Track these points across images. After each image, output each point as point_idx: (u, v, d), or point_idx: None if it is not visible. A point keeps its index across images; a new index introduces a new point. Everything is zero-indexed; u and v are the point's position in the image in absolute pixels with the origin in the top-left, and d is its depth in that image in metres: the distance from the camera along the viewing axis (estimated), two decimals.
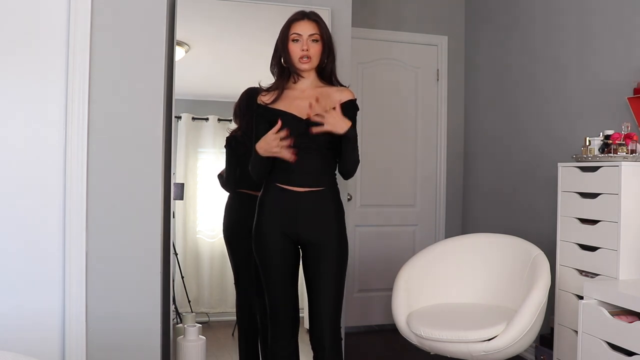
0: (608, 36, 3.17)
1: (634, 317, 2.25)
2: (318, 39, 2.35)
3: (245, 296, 3.14)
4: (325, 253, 2.36)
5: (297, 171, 2.34)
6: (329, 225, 2.38)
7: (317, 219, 2.37)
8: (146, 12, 2.71)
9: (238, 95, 3.19)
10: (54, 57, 2.58)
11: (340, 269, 2.40)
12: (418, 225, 4.59)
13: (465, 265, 3.19)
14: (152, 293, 2.72)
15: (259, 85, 2.51)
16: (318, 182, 2.37)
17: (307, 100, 2.33)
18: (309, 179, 2.35)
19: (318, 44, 2.36)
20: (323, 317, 2.34)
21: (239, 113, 3.19)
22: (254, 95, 2.54)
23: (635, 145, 2.65)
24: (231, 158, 3.22)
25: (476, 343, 2.62)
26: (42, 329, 2.57)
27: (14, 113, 2.55)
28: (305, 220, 2.36)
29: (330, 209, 2.39)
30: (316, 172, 2.37)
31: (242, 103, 3.16)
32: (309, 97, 2.35)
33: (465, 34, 4.64)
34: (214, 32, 3.38)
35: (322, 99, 2.35)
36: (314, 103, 2.31)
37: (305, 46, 2.32)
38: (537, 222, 3.69)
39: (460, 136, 4.65)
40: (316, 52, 2.35)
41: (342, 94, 2.40)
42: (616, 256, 2.57)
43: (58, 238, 2.59)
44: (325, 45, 2.38)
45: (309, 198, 2.36)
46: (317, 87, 2.42)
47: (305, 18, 2.37)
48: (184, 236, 3.33)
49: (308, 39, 2.33)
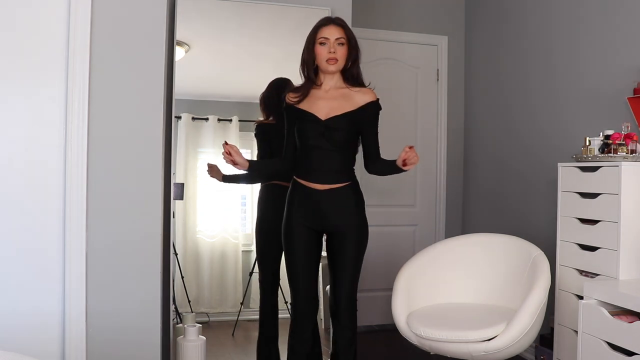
0: (608, 36, 3.17)
1: (634, 317, 2.25)
2: (344, 42, 2.53)
3: (272, 296, 3.14)
4: (347, 238, 2.58)
5: (318, 170, 2.56)
6: (350, 217, 2.59)
7: (339, 213, 2.58)
8: (146, 12, 2.71)
9: (238, 95, 3.19)
10: (54, 57, 2.58)
11: (359, 252, 2.62)
12: (418, 225, 4.59)
13: (465, 265, 3.19)
14: (152, 293, 2.72)
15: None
16: (337, 179, 2.57)
17: (329, 102, 2.54)
18: (328, 177, 2.56)
19: (344, 47, 2.53)
20: (343, 287, 2.59)
21: (268, 103, 3.17)
22: (281, 86, 2.76)
23: (635, 145, 2.65)
24: (264, 148, 3.20)
25: (476, 343, 2.62)
26: (42, 329, 2.57)
27: (14, 113, 2.55)
28: (328, 215, 2.57)
29: (351, 204, 2.60)
30: (335, 171, 2.57)
31: (272, 94, 3.15)
32: (332, 98, 2.55)
33: (465, 34, 4.64)
34: (214, 32, 3.38)
35: (344, 99, 2.55)
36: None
37: (332, 49, 2.50)
38: (537, 222, 3.69)
39: (460, 136, 4.65)
40: (342, 55, 2.53)
41: (364, 95, 2.59)
42: (616, 256, 2.57)
43: (58, 238, 2.59)
44: (352, 48, 2.55)
45: (330, 195, 2.56)
46: (340, 88, 2.59)
47: (332, 23, 2.54)
48: (184, 236, 3.33)
49: (334, 43, 2.51)
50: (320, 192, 2.56)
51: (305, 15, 2.88)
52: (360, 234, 2.62)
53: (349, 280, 2.61)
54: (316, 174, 2.56)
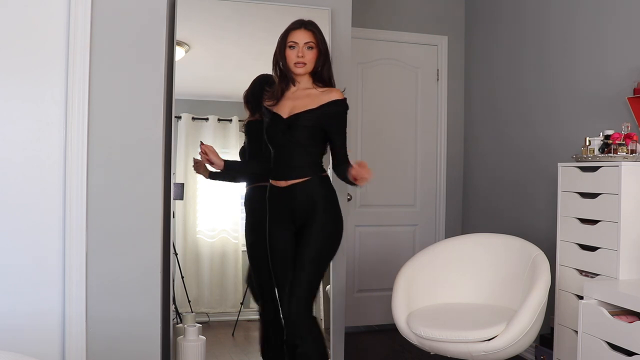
0: (608, 36, 3.17)
1: (634, 317, 2.25)
2: (313, 46, 2.57)
3: (274, 307, 3.07)
4: (310, 235, 2.54)
5: (283, 167, 2.59)
6: (315, 213, 2.55)
7: (303, 209, 2.56)
8: (146, 12, 2.71)
9: (238, 95, 3.19)
10: (54, 57, 2.58)
11: (320, 250, 2.55)
12: (418, 225, 4.59)
13: (465, 265, 3.19)
14: (152, 293, 2.72)
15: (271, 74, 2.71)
16: (298, 175, 2.56)
17: (294, 101, 2.58)
18: (294, 172, 2.56)
19: (313, 50, 2.57)
20: (297, 286, 2.51)
21: (250, 99, 3.18)
22: (265, 82, 2.78)
23: (635, 145, 2.65)
24: (254, 145, 3.20)
25: (476, 343, 2.62)
26: (42, 329, 2.57)
27: (14, 113, 2.55)
28: (294, 212, 2.57)
29: (316, 198, 2.56)
30: (300, 166, 2.56)
31: (255, 89, 3.14)
32: (297, 98, 2.59)
33: (465, 34, 4.64)
34: (214, 32, 3.38)
35: (309, 99, 2.57)
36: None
37: (300, 53, 2.54)
38: (537, 222, 3.69)
39: (460, 136, 4.65)
40: (311, 58, 2.57)
41: (329, 94, 2.57)
42: (616, 256, 2.57)
43: (58, 238, 2.59)
44: (320, 52, 2.58)
45: (292, 191, 2.56)
46: (307, 89, 2.62)
47: (302, 27, 2.58)
48: (184, 236, 3.33)
49: (303, 47, 2.55)
50: (283, 189, 2.58)
51: (305, 16, 2.87)
52: (326, 230, 2.55)
53: (305, 280, 2.51)
54: (279, 172, 2.59)
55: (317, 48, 2.57)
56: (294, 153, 2.56)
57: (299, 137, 2.54)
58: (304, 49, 2.55)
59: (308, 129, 2.54)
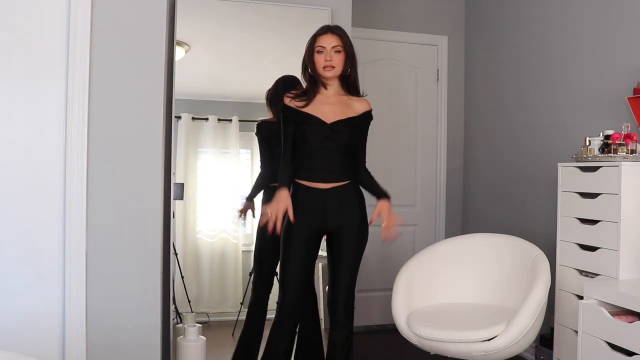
0: (608, 36, 3.17)
1: (634, 317, 2.25)
2: (340, 50, 2.63)
3: (264, 298, 3.13)
4: (349, 237, 2.68)
5: (322, 170, 2.65)
6: (354, 215, 2.69)
7: (342, 211, 2.67)
8: (146, 12, 2.71)
9: (238, 95, 3.19)
10: (54, 57, 2.58)
11: (359, 251, 2.73)
12: (418, 225, 4.59)
13: (465, 265, 3.19)
14: (152, 293, 2.72)
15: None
16: (341, 178, 2.67)
17: (331, 106, 2.65)
18: (332, 176, 2.65)
19: (340, 54, 2.63)
20: (342, 285, 2.67)
21: (274, 100, 3.11)
22: (290, 83, 2.83)
23: (635, 145, 2.65)
24: (265, 146, 3.19)
25: (476, 343, 2.62)
26: (42, 329, 2.57)
27: (14, 113, 2.55)
28: (332, 212, 2.65)
29: (354, 202, 2.70)
30: (338, 170, 2.66)
31: (279, 90, 3.08)
32: (333, 103, 2.67)
33: (465, 34, 4.64)
34: (214, 32, 3.38)
35: (345, 106, 2.68)
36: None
37: (328, 57, 2.61)
38: (537, 222, 3.69)
39: (460, 136, 4.65)
40: (339, 62, 2.62)
41: (361, 104, 2.72)
42: (616, 256, 2.57)
43: (58, 238, 2.59)
44: (348, 55, 2.65)
45: (334, 193, 2.65)
46: (340, 95, 2.70)
47: (329, 32, 2.65)
48: (184, 236, 3.33)
49: (331, 50, 2.61)
50: (325, 191, 2.64)
51: (305, 16, 2.88)
52: (361, 233, 2.72)
53: (349, 279, 2.69)
54: (320, 174, 2.65)
55: (345, 51, 2.63)
56: (336, 157, 2.65)
57: (342, 142, 2.63)
58: (331, 52, 2.61)
59: (350, 135, 2.65)
